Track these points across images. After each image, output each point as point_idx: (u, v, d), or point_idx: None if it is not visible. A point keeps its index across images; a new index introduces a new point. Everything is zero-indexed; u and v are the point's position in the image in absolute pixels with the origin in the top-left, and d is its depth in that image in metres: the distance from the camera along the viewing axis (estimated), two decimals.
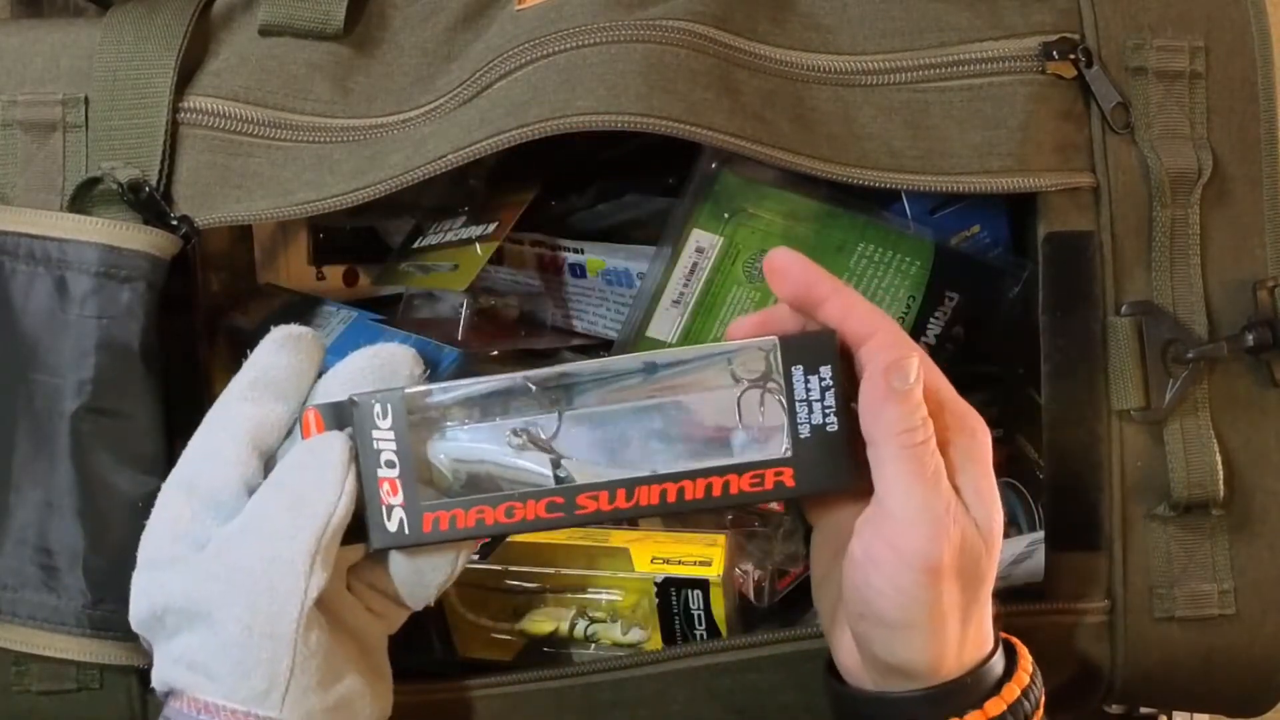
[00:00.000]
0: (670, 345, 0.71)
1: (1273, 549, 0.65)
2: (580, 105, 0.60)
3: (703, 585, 0.67)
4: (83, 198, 0.64)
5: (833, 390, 0.55)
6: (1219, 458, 0.64)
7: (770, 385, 0.55)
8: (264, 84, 0.65)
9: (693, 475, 0.55)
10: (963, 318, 0.72)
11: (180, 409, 0.64)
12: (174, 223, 0.63)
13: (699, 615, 0.68)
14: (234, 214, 0.64)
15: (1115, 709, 0.74)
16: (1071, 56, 0.63)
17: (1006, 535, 0.74)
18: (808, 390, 0.55)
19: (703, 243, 0.70)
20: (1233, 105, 0.65)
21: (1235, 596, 0.64)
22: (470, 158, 0.61)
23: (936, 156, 0.63)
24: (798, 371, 0.55)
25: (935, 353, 0.73)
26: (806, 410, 0.55)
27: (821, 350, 0.55)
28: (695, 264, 0.70)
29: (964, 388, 0.55)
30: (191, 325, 0.69)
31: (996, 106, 0.63)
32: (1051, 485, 0.65)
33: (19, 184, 0.64)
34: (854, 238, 0.71)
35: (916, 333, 0.73)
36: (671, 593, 0.68)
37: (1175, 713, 0.78)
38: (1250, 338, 0.64)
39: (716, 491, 0.55)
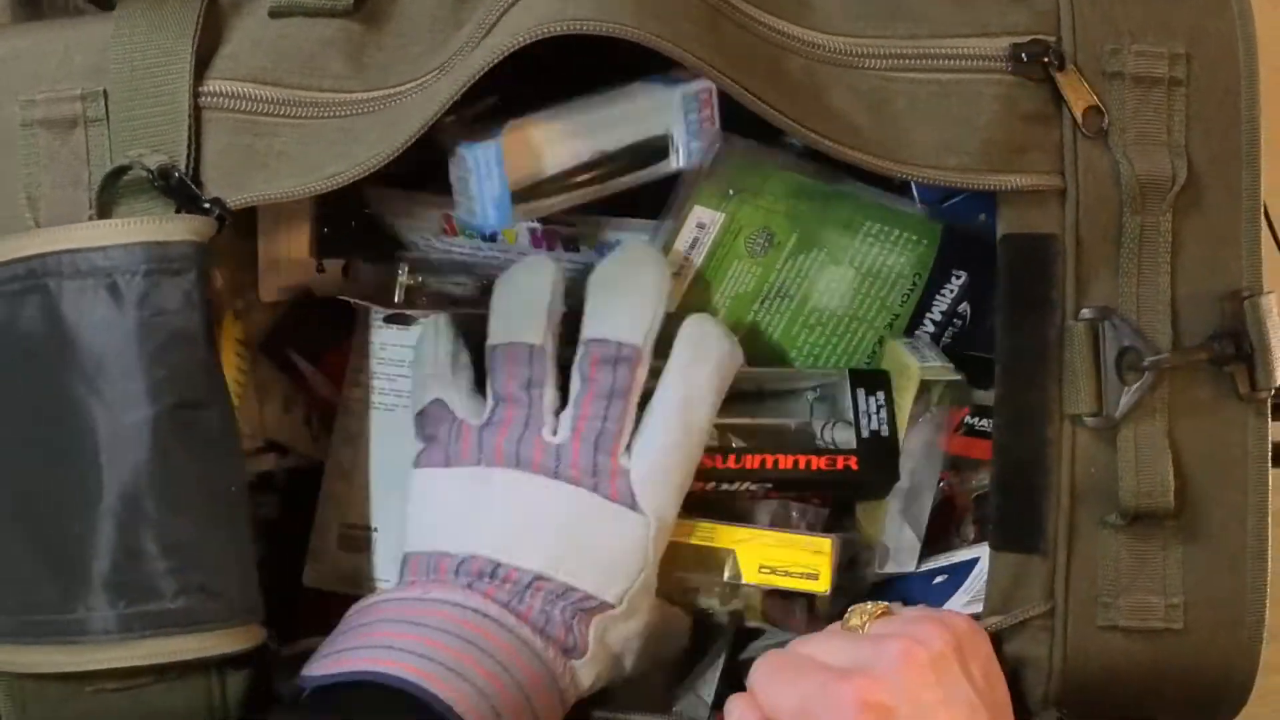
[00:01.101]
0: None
1: (1229, 565, 0.64)
2: (571, 14, 0.61)
3: (808, 599, 0.71)
4: (110, 188, 0.64)
5: (885, 408, 0.72)
6: (1171, 468, 0.63)
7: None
8: (279, 64, 0.66)
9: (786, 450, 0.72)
10: (969, 295, 0.73)
11: None
12: (206, 205, 0.64)
13: None
14: (264, 193, 0.65)
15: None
16: (1044, 59, 0.63)
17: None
18: (867, 405, 0.72)
19: (704, 219, 0.72)
20: (1214, 114, 0.64)
21: (1184, 611, 0.64)
22: (475, 78, 0.62)
23: (896, 145, 0.64)
24: (860, 392, 0.72)
25: (940, 328, 0.74)
26: (866, 420, 0.72)
27: (878, 380, 0.73)
28: (696, 239, 0.72)
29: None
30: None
31: (962, 104, 0.64)
32: (997, 486, 0.65)
33: (45, 182, 0.65)
34: (860, 216, 0.72)
35: (922, 309, 0.74)
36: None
37: None
38: (1213, 348, 0.63)
39: (801, 465, 0.71)
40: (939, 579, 0.74)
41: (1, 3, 0.75)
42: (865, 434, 0.72)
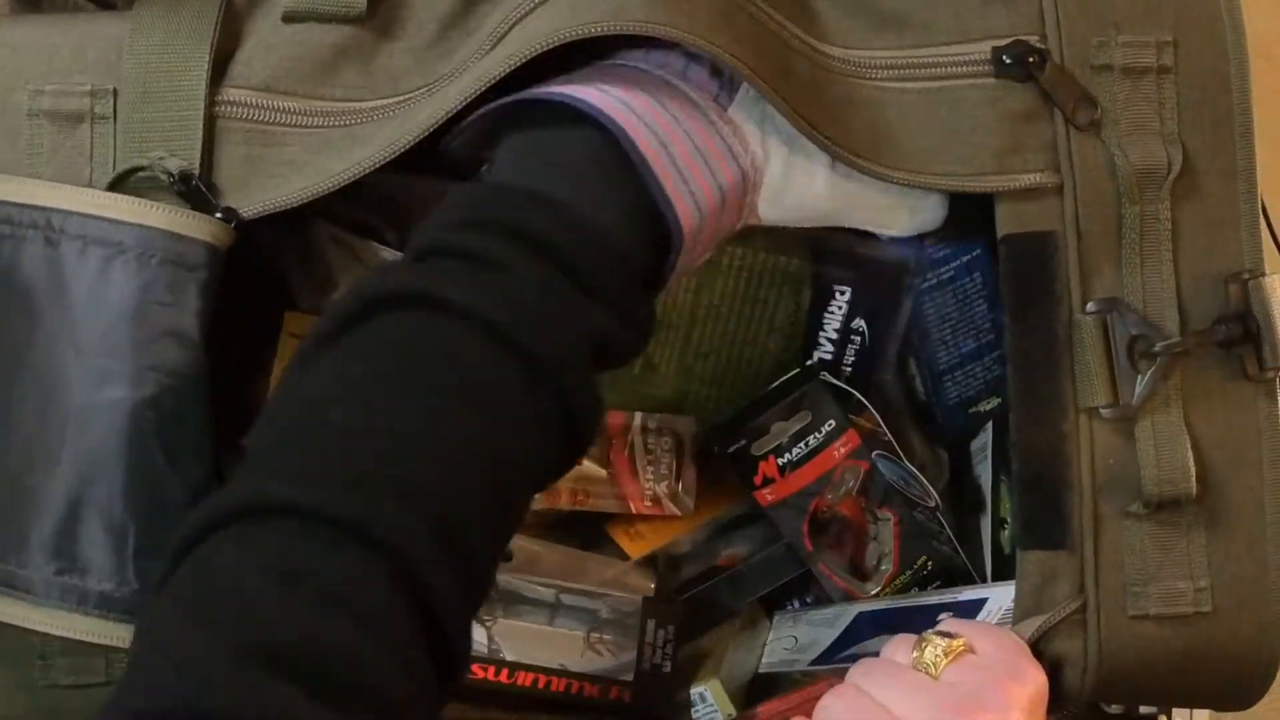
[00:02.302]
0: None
1: (1250, 546, 0.64)
2: (585, 18, 0.60)
3: None
4: (120, 186, 0.64)
5: (671, 643, 0.74)
6: (1191, 454, 0.63)
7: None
8: (292, 72, 0.66)
9: (560, 674, 0.73)
10: (861, 311, 0.73)
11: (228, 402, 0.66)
12: (219, 216, 0.64)
13: None
14: (272, 200, 0.65)
15: (1114, 709, 0.74)
16: (1031, 59, 0.64)
17: None
18: (655, 638, 0.74)
19: None
20: (1204, 99, 0.65)
21: (1212, 594, 0.64)
22: (484, 87, 0.62)
23: (891, 151, 0.64)
24: (651, 623, 0.73)
25: (839, 347, 0.74)
26: (650, 653, 0.73)
27: (671, 613, 0.74)
28: None
29: None
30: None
31: (951, 110, 0.64)
32: (1020, 483, 0.65)
33: (45, 174, 0.65)
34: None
35: (814, 329, 0.73)
36: None
37: (1174, 711, 0.77)
38: (1221, 331, 0.63)
39: (574, 690, 0.73)
40: (943, 616, 0.73)
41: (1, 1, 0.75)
42: (646, 666, 0.73)
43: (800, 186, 0.65)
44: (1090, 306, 0.64)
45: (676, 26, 0.60)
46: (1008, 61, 0.63)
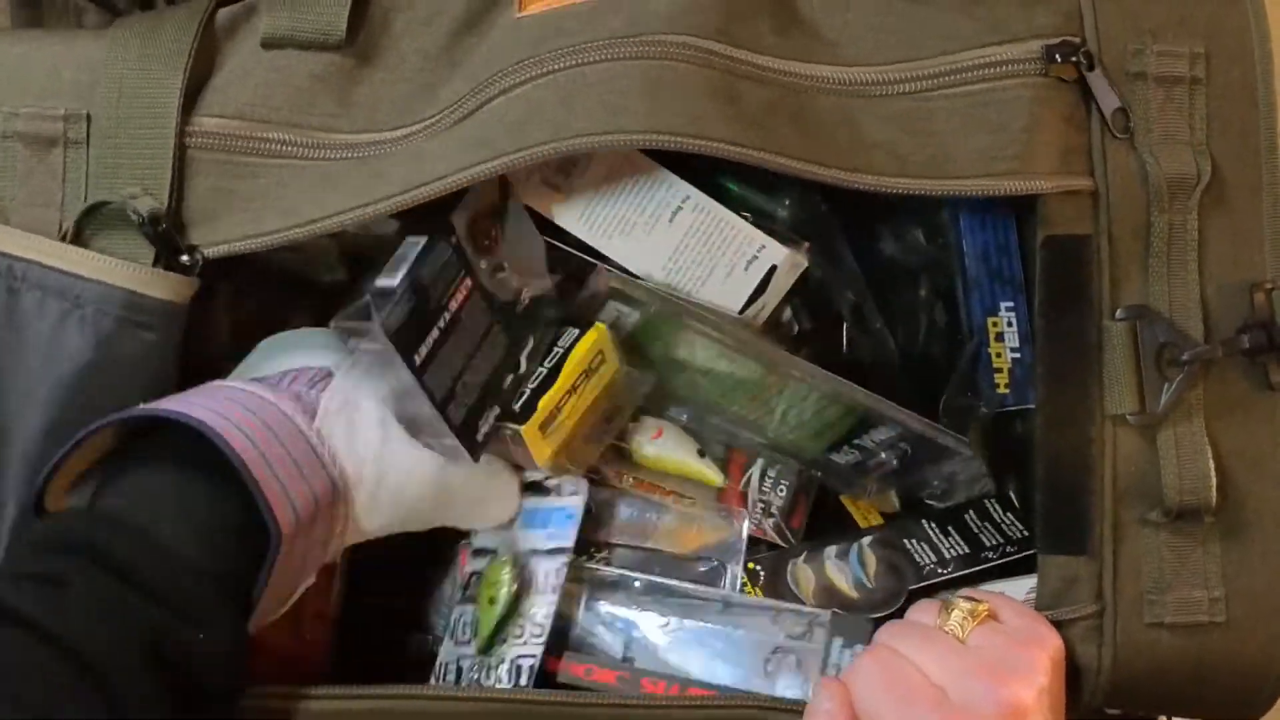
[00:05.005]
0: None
1: (1265, 557, 0.65)
2: (579, 127, 0.60)
3: None
4: (90, 218, 0.64)
5: None
6: (1212, 464, 0.63)
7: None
8: (268, 99, 0.65)
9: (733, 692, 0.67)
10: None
11: None
12: (184, 259, 0.63)
13: None
14: (242, 236, 0.64)
15: (1113, 712, 0.74)
16: (1074, 59, 0.63)
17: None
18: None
19: None
20: (1233, 112, 0.65)
21: (1226, 604, 0.64)
22: (470, 181, 0.61)
23: (941, 161, 0.63)
24: (837, 642, 0.68)
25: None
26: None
27: (860, 630, 0.68)
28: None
29: None
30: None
31: (1000, 110, 0.63)
32: (1043, 488, 0.65)
33: (18, 197, 0.64)
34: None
35: None
36: None
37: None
38: (1246, 340, 0.64)
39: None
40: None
41: (1, 2, 0.73)
42: None
43: (395, 491, 0.64)
44: (1120, 313, 0.64)
45: (675, 131, 0.60)
46: (1059, 59, 0.63)
